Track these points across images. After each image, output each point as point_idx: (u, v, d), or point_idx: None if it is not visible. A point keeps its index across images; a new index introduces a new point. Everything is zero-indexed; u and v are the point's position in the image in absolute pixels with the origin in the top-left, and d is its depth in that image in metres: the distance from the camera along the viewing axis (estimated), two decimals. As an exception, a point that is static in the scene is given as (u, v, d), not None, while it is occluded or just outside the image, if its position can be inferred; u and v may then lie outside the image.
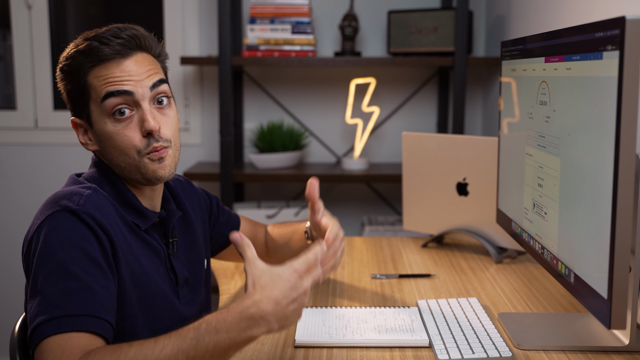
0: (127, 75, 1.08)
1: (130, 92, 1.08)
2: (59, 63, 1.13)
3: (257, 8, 2.47)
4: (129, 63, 1.09)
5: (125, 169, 1.11)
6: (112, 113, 1.08)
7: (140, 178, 1.11)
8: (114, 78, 1.07)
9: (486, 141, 1.67)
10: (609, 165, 0.93)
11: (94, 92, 1.09)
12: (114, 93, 1.07)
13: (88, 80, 1.09)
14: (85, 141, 1.15)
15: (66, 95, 1.13)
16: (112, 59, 1.08)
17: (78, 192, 1.05)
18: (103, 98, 1.07)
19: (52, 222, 1.00)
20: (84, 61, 1.08)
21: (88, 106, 1.10)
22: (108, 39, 1.08)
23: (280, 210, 2.56)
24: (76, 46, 1.10)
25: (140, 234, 1.12)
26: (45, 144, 2.78)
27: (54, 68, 2.75)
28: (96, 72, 1.08)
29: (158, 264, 1.14)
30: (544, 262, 1.22)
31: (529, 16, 2.11)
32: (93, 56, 1.08)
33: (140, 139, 1.09)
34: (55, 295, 0.95)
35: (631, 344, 1.11)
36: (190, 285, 1.22)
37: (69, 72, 1.10)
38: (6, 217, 2.81)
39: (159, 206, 1.20)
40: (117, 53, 1.08)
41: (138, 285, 1.07)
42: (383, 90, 2.74)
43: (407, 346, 1.15)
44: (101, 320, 0.96)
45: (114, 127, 1.08)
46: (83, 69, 1.09)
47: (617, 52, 0.89)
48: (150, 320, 1.10)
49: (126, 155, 1.09)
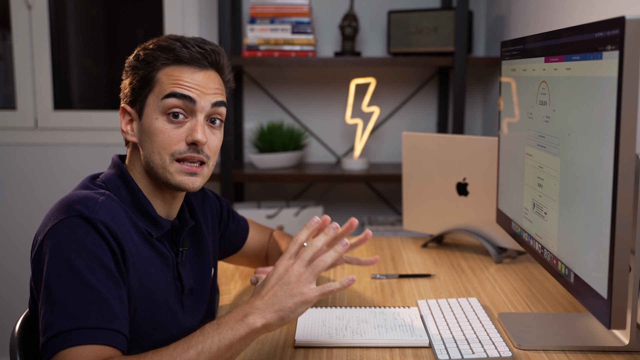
0: (196, 84, 1.11)
1: (193, 100, 1.10)
2: (135, 52, 1.15)
3: (257, 8, 2.47)
4: (201, 75, 1.12)
5: (153, 169, 1.12)
6: (168, 113, 1.10)
7: (165, 182, 1.12)
8: (184, 82, 1.10)
9: (486, 141, 1.67)
10: (608, 165, 0.93)
11: (158, 87, 1.10)
12: (178, 95, 1.09)
13: (157, 74, 1.11)
14: (127, 130, 1.15)
15: (128, 82, 1.14)
16: (188, 65, 1.11)
17: (92, 197, 1.04)
18: (166, 95, 1.09)
19: (67, 228, 1.00)
20: (161, 56, 1.11)
21: (146, 98, 1.11)
22: (191, 45, 1.11)
23: (280, 210, 2.56)
24: (159, 41, 1.13)
25: (151, 241, 1.12)
26: (45, 144, 2.78)
27: (54, 68, 2.75)
28: (169, 70, 1.11)
29: (166, 272, 1.14)
30: (544, 262, 1.22)
31: (529, 16, 2.11)
32: (171, 54, 1.10)
33: (180, 144, 1.10)
34: (72, 304, 0.95)
35: (631, 344, 1.11)
36: (195, 294, 1.21)
37: (143, 61, 1.12)
38: (6, 217, 2.81)
39: (175, 214, 1.20)
40: (194, 61, 1.11)
41: (144, 294, 1.07)
42: (383, 90, 2.75)
43: (407, 346, 1.15)
44: (118, 334, 0.97)
45: (163, 125, 1.10)
46: (157, 62, 1.11)
47: (617, 52, 0.89)
48: (155, 330, 1.10)
49: (159, 155, 1.10)
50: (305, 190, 2.81)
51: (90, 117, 2.77)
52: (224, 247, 1.42)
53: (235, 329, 0.95)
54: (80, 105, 2.97)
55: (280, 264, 1.00)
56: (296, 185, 2.82)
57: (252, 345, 1.16)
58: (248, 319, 0.95)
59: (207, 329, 0.95)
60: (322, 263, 0.98)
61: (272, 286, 0.98)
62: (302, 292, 0.96)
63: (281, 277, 0.98)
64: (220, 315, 1.31)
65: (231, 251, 1.44)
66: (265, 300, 0.96)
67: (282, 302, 0.96)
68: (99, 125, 2.76)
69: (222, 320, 0.96)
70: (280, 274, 0.98)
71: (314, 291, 0.97)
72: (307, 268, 0.98)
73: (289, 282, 0.97)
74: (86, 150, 2.78)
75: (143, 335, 1.08)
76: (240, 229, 1.44)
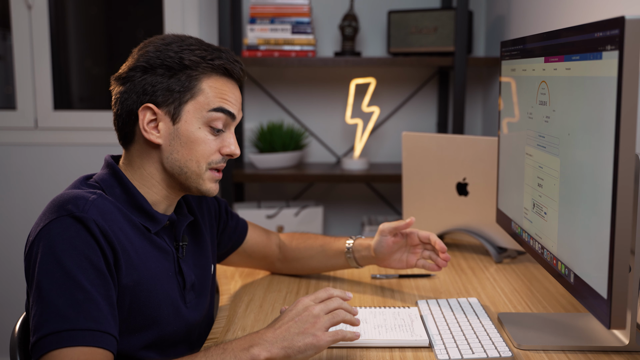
0: (235, 99, 1.16)
1: (234, 116, 1.16)
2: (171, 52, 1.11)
3: (257, 8, 2.47)
4: (237, 90, 1.18)
5: (186, 174, 1.13)
6: (211, 125, 1.13)
7: (192, 186, 1.15)
8: (229, 97, 1.14)
9: (486, 141, 1.67)
10: (608, 165, 0.93)
11: (203, 97, 1.12)
12: (225, 111, 1.13)
13: (200, 83, 1.12)
14: (149, 130, 1.12)
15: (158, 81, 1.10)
16: (230, 79, 1.16)
17: (83, 196, 1.04)
18: (215, 109, 1.12)
19: (57, 227, 1.00)
20: (205, 64, 1.12)
21: (185, 104, 1.11)
22: (233, 60, 1.15)
23: (280, 210, 2.56)
24: (200, 45, 1.13)
25: (150, 237, 1.12)
26: (45, 144, 2.78)
27: (54, 68, 2.75)
28: (213, 81, 1.13)
29: (167, 267, 1.14)
30: (544, 262, 1.22)
31: (529, 16, 2.11)
32: (218, 65, 1.13)
33: (216, 154, 1.15)
34: (62, 305, 0.95)
35: (631, 344, 1.11)
36: (196, 290, 1.21)
37: (182, 64, 1.11)
38: (6, 217, 2.82)
39: (172, 210, 1.20)
40: (236, 77, 1.16)
41: (144, 289, 1.07)
42: (383, 90, 2.75)
43: (407, 346, 1.15)
44: (107, 335, 0.97)
45: (206, 136, 1.13)
46: (199, 68, 1.11)
47: (617, 52, 0.89)
48: (156, 324, 1.10)
49: (197, 163, 1.13)
50: (305, 190, 2.81)
51: (90, 117, 2.77)
52: (224, 244, 1.42)
53: (238, 357, 0.95)
54: (80, 105, 2.97)
55: (302, 301, 1.02)
56: (296, 185, 2.82)
57: (252, 345, 1.17)
58: (253, 349, 0.96)
59: (212, 353, 0.96)
60: (342, 314, 1.02)
61: (287, 321, 0.99)
62: (315, 334, 0.98)
63: (299, 314, 0.99)
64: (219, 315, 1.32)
65: (231, 248, 1.44)
66: (277, 334, 0.97)
67: (293, 339, 0.97)
68: (99, 125, 2.76)
69: (227, 346, 0.97)
70: (298, 311, 1.00)
71: (327, 336, 0.98)
72: (327, 315, 1.00)
73: (305, 322, 0.98)
74: (86, 150, 2.78)
75: (143, 329, 1.08)
76: (239, 226, 1.44)
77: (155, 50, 1.12)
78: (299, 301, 1.02)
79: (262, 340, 0.97)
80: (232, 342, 0.98)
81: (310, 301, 1.02)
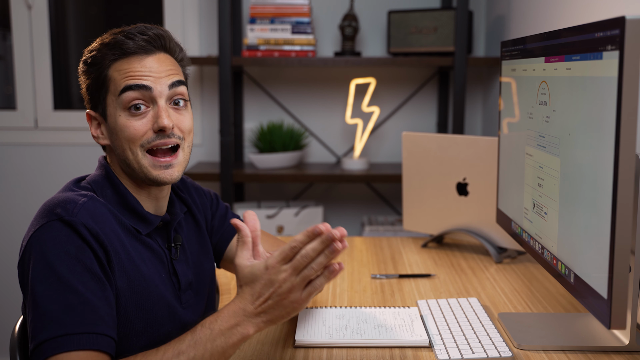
0: (147, 70, 1.09)
1: (148, 87, 1.08)
2: (83, 56, 1.13)
3: (257, 8, 2.47)
4: (150, 60, 1.10)
5: (130, 166, 1.10)
6: (128, 107, 1.08)
7: (143, 178, 1.11)
8: (135, 72, 1.08)
9: (486, 141, 1.67)
10: (609, 165, 0.93)
11: (112, 85, 1.09)
12: (133, 87, 1.08)
13: (109, 73, 1.09)
14: (97, 135, 1.14)
15: (85, 87, 1.13)
16: (135, 54, 1.09)
17: (73, 199, 1.03)
18: (121, 91, 1.08)
19: (48, 232, 0.99)
20: (107, 54, 1.09)
21: (105, 99, 1.10)
22: (133, 35, 1.09)
23: (280, 210, 2.56)
24: (102, 40, 1.12)
25: (141, 239, 1.11)
26: (45, 144, 2.78)
27: (54, 68, 2.75)
28: (118, 65, 1.09)
29: (160, 269, 1.13)
30: (544, 262, 1.22)
31: (529, 16, 2.11)
32: (117, 49, 1.09)
33: (149, 134, 1.09)
34: (56, 311, 0.95)
35: (631, 344, 1.11)
36: (194, 288, 1.20)
37: (92, 64, 1.11)
38: (6, 217, 2.81)
39: (164, 208, 1.19)
40: (140, 48, 1.09)
41: (136, 292, 1.07)
42: (383, 90, 2.74)
43: (407, 346, 1.15)
44: (104, 337, 0.97)
45: (127, 120, 1.08)
46: (105, 61, 1.09)
47: (617, 52, 0.89)
48: (150, 327, 1.09)
49: (130, 150, 1.09)
50: (305, 190, 2.81)
51: (90, 117, 2.77)
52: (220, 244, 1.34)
53: (228, 337, 0.95)
54: (80, 105, 2.97)
55: (273, 267, 0.96)
56: (296, 185, 2.82)
57: (252, 345, 1.17)
58: (241, 327, 0.96)
59: (199, 335, 0.95)
60: (312, 271, 0.95)
61: (263, 294, 0.96)
62: (292, 301, 0.96)
63: (273, 284, 0.95)
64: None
65: (216, 255, 1.34)
66: (258, 310, 0.96)
67: (274, 312, 0.96)
68: (99, 125, 2.76)
69: (214, 326, 0.96)
70: (272, 281, 0.95)
71: (304, 297, 0.96)
72: (299, 277, 0.95)
73: (281, 294, 0.95)
74: (86, 150, 2.78)
75: (137, 333, 1.07)
76: (225, 227, 1.34)
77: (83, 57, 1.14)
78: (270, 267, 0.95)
79: (247, 317, 0.96)
80: (217, 321, 0.96)
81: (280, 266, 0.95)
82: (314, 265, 0.94)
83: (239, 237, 1.00)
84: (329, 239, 0.93)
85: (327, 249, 0.94)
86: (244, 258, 0.99)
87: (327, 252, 0.94)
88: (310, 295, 0.96)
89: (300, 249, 0.95)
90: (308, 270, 0.95)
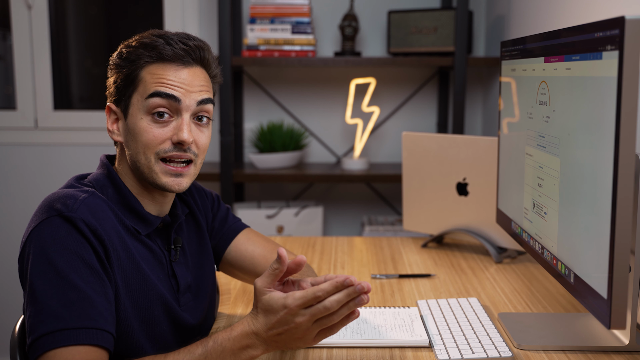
0: (180, 82, 1.08)
1: (177, 99, 1.08)
2: (118, 50, 1.13)
3: (257, 8, 2.47)
4: (186, 72, 1.09)
5: (139, 169, 1.10)
6: (152, 112, 1.08)
7: (151, 182, 1.11)
8: (168, 80, 1.08)
9: (486, 141, 1.67)
10: (608, 165, 0.93)
11: (142, 86, 1.09)
12: (162, 94, 1.07)
13: (141, 73, 1.09)
14: (113, 130, 1.13)
15: (113, 80, 1.13)
16: (172, 62, 1.09)
17: (73, 195, 1.04)
18: (150, 95, 1.07)
19: (47, 228, 0.99)
20: (144, 54, 1.09)
21: (130, 97, 1.10)
22: (174, 42, 1.09)
23: (280, 210, 2.56)
24: (141, 38, 1.11)
25: (141, 239, 1.11)
26: (45, 144, 2.78)
27: (54, 68, 2.75)
28: (152, 68, 1.09)
29: (159, 270, 1.13)
30: (544, 262, 1.22)
31: (529, 16, 2.11)
32: (155, 52, 1.09)
33: (165, 143, 1.09)
34: (55, 305, 0.95)
35: (631, 344, 1.11)
36: (193, 291, 1.20)
37: (126, 59, 1.10)
38: (6, 217, 2.82)
39: (167, 211, 1.18)
40: (178, 58, 1.09)
41: (133, 290, 1.07)
42: (383, 90, 2.74)
43: (407, 346, 1.15)
44: (102, 332, 0.97)
45: (148, 125, 1.08)
46: (140, 61, 1.09)
47: (617, 52, 0.89)
48: (146, 325, 1.09)
49: (144, 155, 1.09)
50: (305, 190, 2.81)
51: (90, 117, 2.77)
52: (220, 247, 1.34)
53: (238, 356, 0.98)
54: (80, 105, 2.97)
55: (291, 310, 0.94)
56: (296, 185, 2.82)
57: (252, 345, 1.17)
58: (252, 350, 0.98)
59: (210, 351, 0.97)
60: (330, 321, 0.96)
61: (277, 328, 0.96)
62: (304, 340, 0.98)
63: (288, 324, 0.95)
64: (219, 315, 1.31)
65: (215, 255, 1.33)
66: (270, 339, 0.98)
67: (284, 343, 0.98)
68: (99, 125, 2.76)
69: (226, 345, 0.97)
70: (287, 321, 0.95)
71: (318, 340, 0.99)
72: (315, 323, 0.96)
73: (294, 334, 0.97)
74: (86, 150, 2.78)
75: (134, 330, 1.07)
76: (225, 230, 1.33)
77: (118, 50, 1.13)
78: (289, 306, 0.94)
79: (259, 342, 0.98)
80: (229, 340, 0.98)
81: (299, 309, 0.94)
82: (334, 317, 0.95)
83: (274, 265, 0.98)
84: (357, 292, 0.93)
85: (352, 301, 0.94)
86: (265, 283, 0.98)
87: (351, 305, 0.94)
88: (323, 338, 0.99)
89: (324, 298, 0.94)
90: (327, 320, 0.96)
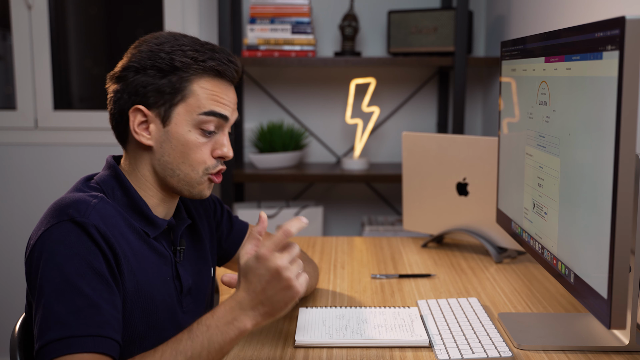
0: (228, 101, 1.12)
1: (227, 118, 1.12)
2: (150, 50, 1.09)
3: (257, 8, 2.47)
4: (231, 92, 1.14)
5: (179, 176, 1.11)
6: (202, 127, 1.10)
7: (184, 189, 1.12)
8: (222, 99, 1.11)
9: (486, 141, 1.67)
10: (609, 165, 0.93)
11: (194, 99, 1.09)
12: (217, 114, 1.10)
13: (191, 85, 1.08)
14: (140, 132, 1.11)
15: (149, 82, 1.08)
16: (223, 80, 1.12)
17: (85, 200, 1.03)
18: (206, 112, 1.09)
19: (58, 232, 0.99)
20: (196, 66, 1.08)
21: (175, 106, 1.09)
22: (227, 60, 1.11)
23: (280, 210, 2.56)
24: (194, 47, 1.09)
25: (148, 241, 1.11)
26: (45, 144, 2.78)
27: (54, 68, 2.75)
28: (204, 82, 1.09)
29: (164, 272, 1.13)
30: (544, 262, 1.22)
31: (529, 16, 2.11)
32: (210, 66, 1.09)
33: (210, 158, 1.12)
34: (63, 312, 0.95)
35: (631, 344, 1.11)
36: (193, 294, 1.20)
37: (175, 67, 1.08)
38: (6, 217, 2.81)
39: (171, 214, 1.19)
40: (229, 77, 1.12)
41: (142, 295, 1.07)
42: (383, 90, 2.75)
43: (407, 346, 1.15)
44: (109, 340, 0.97)
45: (197, 139, 1.10)
46: (190, 70, 1.08)
47: (617, 52, 0.89)
48: (152, 330, 1.09)
49: (191, 167, 1.11)
50: (305, 190, 2.81)
51: (90, 117, 2.77)
52: (217, 250, 1.36)
53: (225, 332, 0.95)
54: (80, 105, 2.97)
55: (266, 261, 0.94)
56: (296, 185, 2.82)
57: (252, 345, 1.17)
58: (238, 322, 0.95)
59: (196, 333, 0.95)
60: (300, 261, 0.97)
61: (260, 285, 0.94)
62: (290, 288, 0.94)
63: (270, 272, 0.94)
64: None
65: (224, 257, 1.36)
66: (255, 301, 0.95)
67: (272, 302, 0.95)
68: (99, 125, 2.76)
69: (210, 322, 0.96)
70: (268, 270, 0.94)
71: (301, 285, 0.95)
72: (293, 265, 0.95)
73: (278, 281, 0.94)
74: (86, 150, 2.78)
75: (140, 337, 1.07)
76: (234, 232, 1.36)
77: (148, 50, 1.09)
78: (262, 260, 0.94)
79: (243, 310, 0.95)
80: (213, 318, 0.96)
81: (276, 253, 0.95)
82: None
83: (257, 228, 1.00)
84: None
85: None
86: (246, 249, 0.99)
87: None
88: (305, 282, 0.96)
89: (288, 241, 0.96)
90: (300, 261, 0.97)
